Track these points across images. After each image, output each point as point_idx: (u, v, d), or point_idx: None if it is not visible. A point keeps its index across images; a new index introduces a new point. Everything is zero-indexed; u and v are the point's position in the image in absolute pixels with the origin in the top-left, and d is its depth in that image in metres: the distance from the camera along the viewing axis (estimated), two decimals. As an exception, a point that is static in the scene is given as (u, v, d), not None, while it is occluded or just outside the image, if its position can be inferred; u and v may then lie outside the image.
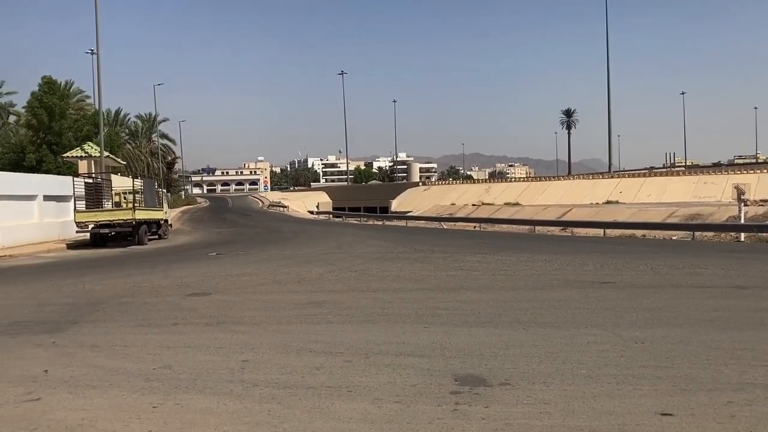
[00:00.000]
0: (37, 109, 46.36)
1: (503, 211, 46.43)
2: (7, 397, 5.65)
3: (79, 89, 63.15)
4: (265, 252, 21.13)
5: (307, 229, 35.33)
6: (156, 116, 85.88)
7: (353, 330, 8.10)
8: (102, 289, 12.85)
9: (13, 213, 25.79)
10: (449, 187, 76.51)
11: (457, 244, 22.23)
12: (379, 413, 4.94)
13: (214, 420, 4.89)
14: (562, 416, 4.79)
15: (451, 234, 31.40)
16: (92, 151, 37.70)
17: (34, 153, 45.64)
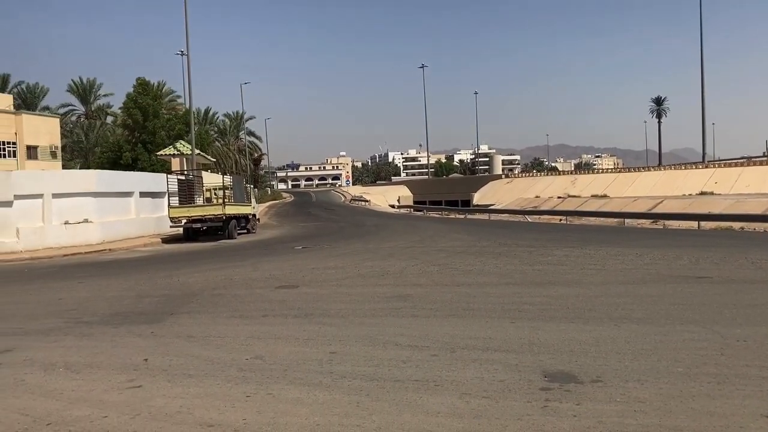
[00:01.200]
0: (132, 110, 48.72)
1: (590, 204, 45.15)
2: (111, 384, 5.98)
3: (171, 89, 66.03)
4: (348, 246, 21.40)
5: (388, 223, 35.53)
6: (243, 114, 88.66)
7: (438, 324, 8.09)
8: (195, 282, 13.38)
9: (112, 209, 27.23)
10: (533, 179, 75.06)
11: (543, 238, 21.78)
12: (467, 408, 4.92)
13: (305, 410, 5.00)
14: (658, 415, 4.62)
15: (536, 227, 30.82)
16: (184, 149, 39.28)
17: (130, 152, 48.01)
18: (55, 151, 50.85)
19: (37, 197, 24.27)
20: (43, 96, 73.44)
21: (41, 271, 17.95)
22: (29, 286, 14.46)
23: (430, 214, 53.54)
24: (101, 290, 12.95)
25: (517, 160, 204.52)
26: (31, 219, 24.13)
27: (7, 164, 44.88)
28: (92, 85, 77.04)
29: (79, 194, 25.54)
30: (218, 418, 4.91)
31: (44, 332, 8.72)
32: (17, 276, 16.86)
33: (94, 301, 11.53)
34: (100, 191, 26.33)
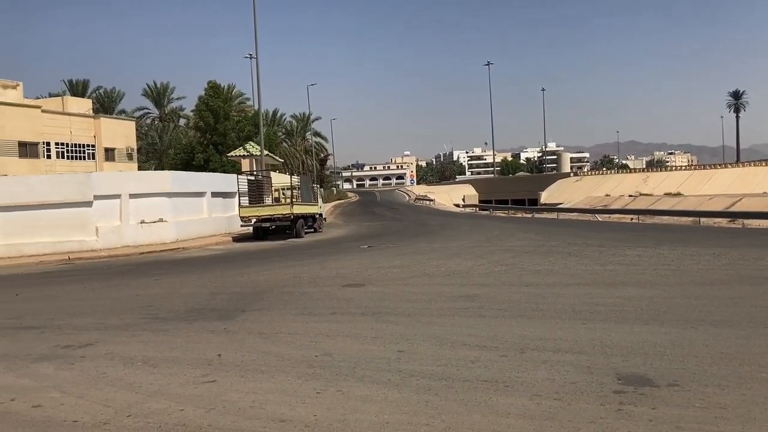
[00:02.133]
0: (203, 112, 50.16)
1: (663, 202, 43.70)
2: (187, 378, 6.17)
3: (240, 92, 67.67)
4: (414, 245, 21.40)
5: (453, 222, 35.34)
6: (309, 115, 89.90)
7: (507, 324, 7.99)
8: (265, 280, 13.67)
9: (185, 209, 28.13)
10: (603, 177, 73.24)
11: (614, 237, 21.20)
12: (538, 410, 4.84)
13: (374, 408, 5.04)
14: (740, 422, 4.43)
15: (607, 226, 30.04)
16: (253, 150, 40.19)
17: (201, 153, 49.44)
18: (131, 153, 52.94)
19: (115, 197, 25.31)
20: (119, 100, 76.70)
21: (119, 268, 18.71)
22: (108, 283, 15.08)
23: (496, 213, 52.97)
24: (176, 287, 13.40)
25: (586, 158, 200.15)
26: (109, 218, 25.17)
27: (86, 166, 47.01)
28: (165, 89, 79.82)
29: (155, 194, 26.49)
30: (290, 414, 4.99)
31: (123, 327, 9.08)
32: (97, 273, 17.62)
33: (169, 297, 11.93)
34: (174, 191, 27.23)
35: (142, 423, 4.95)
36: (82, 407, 5.42)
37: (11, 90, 45.29)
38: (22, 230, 23.49)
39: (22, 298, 13.33)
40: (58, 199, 23.89)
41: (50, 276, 17.60)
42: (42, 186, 24.36)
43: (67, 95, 59.50)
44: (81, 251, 23.42)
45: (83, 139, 48.59)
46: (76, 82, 73.07)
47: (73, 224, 24.09)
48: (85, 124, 49.05)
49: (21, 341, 8.43)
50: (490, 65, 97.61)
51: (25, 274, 18.44)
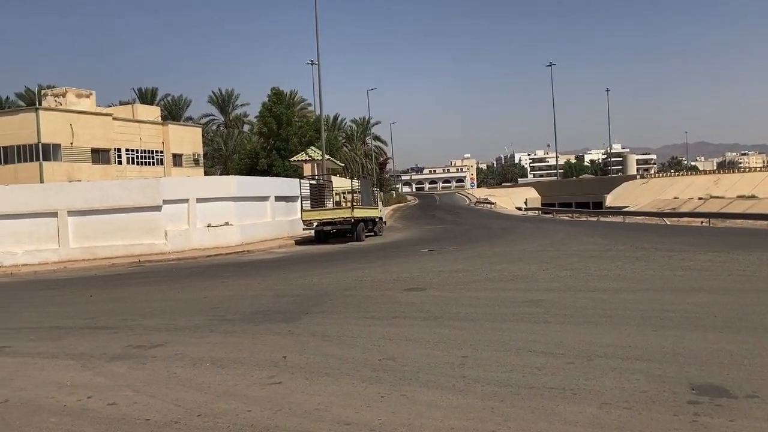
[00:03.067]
0: (267, 118, 51.24)
1: (736, 205, 42.04)
2: (253, 379, 6.29)
3: (302, 98, 68.66)
4: (475, 249, 21.22)
5: (516, 226, 34.88)
6: (369, 120, 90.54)
7: (573, 331, 7.82)
8: (327, 282, 13.81)
9: (250, 212, 28.74)
10: (671, 179, 71.05)
11: (684, 242, 20.50)
12: (607, 419, 4.71)
13: (439, 413, 5.01)
14: (827, 438, 4.20)
15: (676, 230, 29.08)
16: (315, 154, 40.75)
17: (265, 158, 50.48)
18: (197, 158, 54.49)
19: (183, 202, 26.07)
20: (186, 107, 79.11)
21: (187, 270, 19.25)
22: (177, 285, 15.53)
23: (559, 216, 52.02)
24: (241, 289, 13.68)
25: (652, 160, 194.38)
26: (177, 222, 25.95)
27: (155, 171, 48.65)
28: (230, 96, 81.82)
29: (220, 199, 27.17)
30: (354, 417, 5.02)
31: (191, 328, 9.33)
32: (166, 275, 18.17)
33: (235, 299, 12.20)
34: (239, 196, 27.86)
35: (212, 423, 5.07)
36: (154, 406, 5.59)
37: (85, 99, 47.34)
38: (95, 234, 24.47)
39: (96, 299, 13.87)
40: (129, 203, 24.80)
41: (122, 278, 18.27)
42: (114, 191, 25.32)
43: (137, 103, 61.76)
44: (151, 254, 24.22)
45: (152, 146, 50.30)
46: (145, 90, 75.75)
47: (143, 228, 24.95)
48: (154, 130, 50.78)
49: (96, 341, 8.76)
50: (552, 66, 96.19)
51: (98, 276, 19.19)
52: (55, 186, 27.88)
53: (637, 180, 77.28)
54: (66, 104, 45.65)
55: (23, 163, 41.96)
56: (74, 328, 9.99)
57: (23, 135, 41.78)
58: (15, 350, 8.43)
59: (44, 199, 24.23)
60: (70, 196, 24.66)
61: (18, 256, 23.33)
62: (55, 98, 46.31)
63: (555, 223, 38.56)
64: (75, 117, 43.95)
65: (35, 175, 40.88)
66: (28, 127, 41.73)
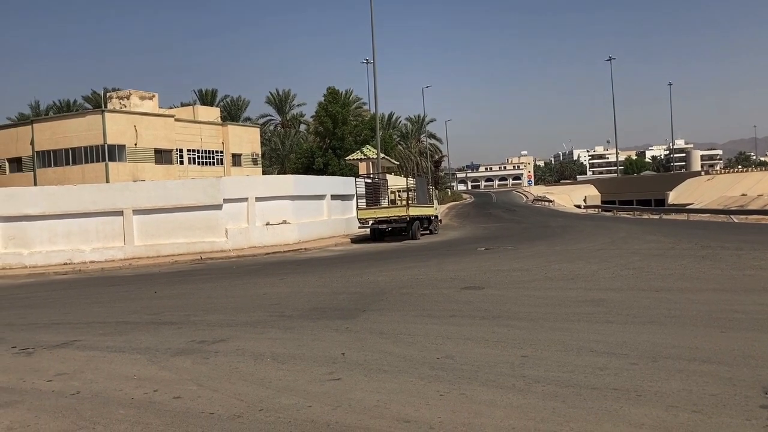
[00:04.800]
0: (323, 118, 51.70)
1: (809, 202, 40.15)
2: (313, 375, 6.36)
3: (357, 97, 69.03)
4: (533, 247, 20.92)
5: (575, 224, 34.23)
6: (424, 117, 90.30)
7: (636, 331, 7.61)
8: (384, 280, 13.85)
9: (307, 211, 29.08)
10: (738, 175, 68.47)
11: (753, 240, 19.71)
12: (674, 422, 4.57)
13: (499, 413, 4.96)
14: None
15: (744, 228, 27.98)
16: (370, 153, 40.91)
17: (321, 157, 50.95)
18: (255, 158, 55.43)
19: (242, 201, 26.59)
20: (244, 108, 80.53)
21: (246, 267, 19.62)
22: (237, 282, 15.85)
23: (620, 214, 50.76)
24: (299, 286, 13.86)
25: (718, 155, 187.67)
26: (237, 220, 26.48)
27: (215, 171, 49.74)
28: (287, 96, 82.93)
29: (278, 197, 27.58)
30: (414, 415, 5.02)
31: (252, 324, 9.51)
32: (227, 272, 18.57)
33: (293, 296, 12.37)
34: (296, 194, 28.23)
35: (273, 417, 5.15)
36: (218, 400, 5.71)
37: (148, 101, 48.80)
38: (159, 231, 25.19)
39: (160, 295, 14.28)
40: (191, 202, 25.43)
41: (184, 274, 18.76)
42: (176, 190, 26.00)
43: (198, 104, 63.26)
44: (212, 251, 24.79)
45: (212, 146, 51.44)
46: (205, 92, 77.53)
47: (204, 226, 25.55)
48: (213, 131, 51.92)
49: (161, 335, 9.02)
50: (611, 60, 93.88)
51: (162, 273, 19.76)
52: (120, 186, 28.81)
53: (701, 176, 74.76)
54: (130, 106, 47.17)
55: (90, 163, 43.53)
56: (140, 323, 10.31)
57: (90, 136, 43.34)
58: (85, 344, 8.76)
59: (110, 198, 25.08)
60: (134, 195, 25.45)
61: (86, 254, 24.22)
62: (120, 100, 47.89)
63: (615, 221, 37.65)
64: (139, 118, 45.34)
65: (101, 175, 42.39)
66: (94, 129, 43.27)
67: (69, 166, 44.25)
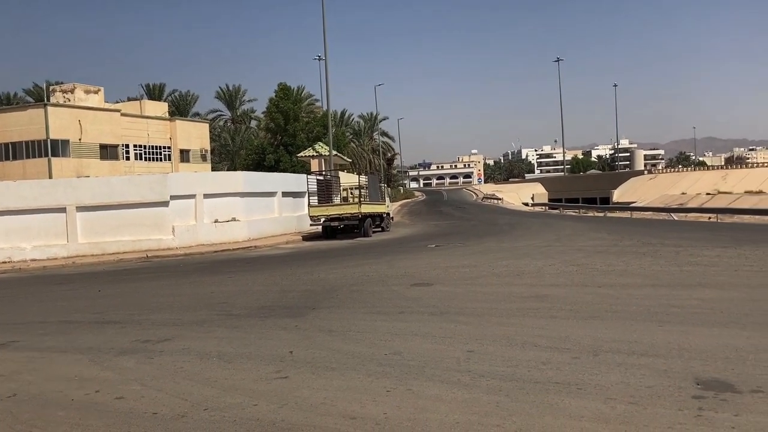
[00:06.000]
0: (274, 114, 51.24)
1: (744, 201, 41.84)
2: (260, 374, 6.33)
3: (309, 93, 68.63)
4: (482, 244, 21.22)
5: (523, 221, 34.83)
6: (377, 115, 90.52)
7: (579, 326, 7.82)
8: (334, 278, 13.84)
9: (257, 208, 28.79)
10: (679, 175, 70.81)
11: (691, 237, 20.43)
12: (612, 414, 4.73)
13: (444, 407, 5.03)
14: (832, 433, 4.20)
15: (683, 226, 28.95)
16: (322, 150, 40.74)
17: (272, 154, 50.51)
18: (204, 154, 54.61)
19: (190, 197, 26.14)
20: (193, 103, 79.22)
21: (194, 266, 19.32)
22: (184, 280, 15.60)
23: (566, 212, 51.88)
24: (248, 285, 13.74)
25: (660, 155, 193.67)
26: (184, 217, 26.03)
27: (162, 167, 48.80)
28: (237, 92, 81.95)
29: (228, 194, 27.22)
30: (360, 411, 5.05)
31: (198, 323, 9.39)
32: (173, 270, 18.25)
33: (242, 294, 12.26)
34: (246, 191, 27.91)
35: (218, 417, 5.11)
36: (162, 400, 5.64)
37: (93, 95, 47.52)
38: (104, 229, 24.58)
39: (104, 294, 13.96)
40: (137, 199, 24.89)
41: (130, 273, 18.36)
42: (122, 187, 25.41)
43: (145, 99, 61.90)
44: (158, 249, 24.33)
45: (160, 141, 50.45)
46: (153, 86, 75.91)
47: (150, 223, 25.05)
48: (161, 126, 50.92)
49: (104, 335, 8.83)
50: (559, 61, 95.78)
51: (106, 271, 19.29)
52: (63, 182, 27.97)
53: (644, 176, 77.00)
54: (74, 100, 45.84)
55: (32, 159, 42.17)
56: (83, 322, 10.06)
57: (32, 131, 41.97)
58: (24, 344, 8.51)
59: (53, 194, 24.34)
60: (78, 191, 24.76)
61: (26, 252, 23.48)
62: (64, 94, 46.50)
63: (562, 219, 38.48)
64: (83, 113, 44.10)
65: (44, 170, 41.10)
66: (36, 123, 41.90)
67: (9, 161, 42.78)
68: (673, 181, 64.93)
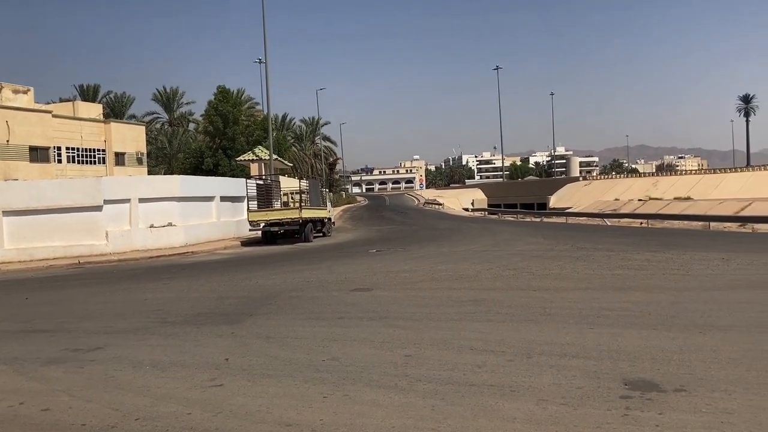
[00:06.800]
0: (213, 117, 50.43)
1: (673, 207, 43.52)
2: (194, 382, 6.20)
3: (249, 96, 67.85)
4: (422, 249, 21.40)
5: (462, 227, 35.32)
6: (318, 120, 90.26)
7: (514, 329, 7.98)
8: (273, 284, 13.70)
9: (195, 213, 28.24)
10: (612, 181, 73.09)
11: (623, 242, 21.14)
12: (544, 414, 4.84)
13: (381, 412, 5.05)
14: (747, 427, 4.42)
15: (616, 231, 29.93)
16: (262, 154, 40.31)
17: (211, 157, 49.66)
18: (140, 157, 53.20)
19: (124, 202, 25.45)
20: (129, 105, 77.19)
21: (128, 272, 18.80)
22: (117, 287, 15.17)
23: (504, 217, 52.86)
24: (184, 291, 13.45)
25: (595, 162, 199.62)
26: (119, 222, 25.31)
27: (96, 170, 47.30)
28: (175, 94, 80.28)
29: (164, 199, 26.62)
30: (296, 418, 5.01)
31: (132, 331, 9.13)
32: (106, 277, 17.72)
33: (177, 301, 11.99)
34: (183, 196, 27.35)
35: (150, 426, 4.98)
36: (91, 411, 5.46)
37: (22, 95, 45.66)
38: (33, 234, 23.66)
39: (32, 302, 13.43)
40: (68, 203, 24.06)
41: (60, 280, 17.72)
42: (53, 190, 24.51)
43: (78, 100, 59.91)
44: (91, 255, 23.57)
45: (94, 144, 48.88)
46: (87, 87, 73.64)
47: (83, 228, 24.26)
48: (95, 128, 49.35)
49: (31, 345, 8.49)
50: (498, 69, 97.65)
51: (35, 278, 18.57)
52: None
53: (579, 182, 79.21)
54: (2, 100, 43.90)
55: (-45, 161, 40.21)
56: (7, 332, 9.65)
57: (-45, 132, 40.04)
58: (-57, 356, 8.10)
59: (-23, 198, 23.29)
60: (5, 195, 23.76)
61: (-51, 258, 22.38)
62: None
63: (500, 224, 39.18)
64: (11, 114, 42.30)
65: (-32, 173, 39.23)
66: (-40, 124, 40.00)
67: (-70, 163, 40.63)
68: (606, 188, 67.00)
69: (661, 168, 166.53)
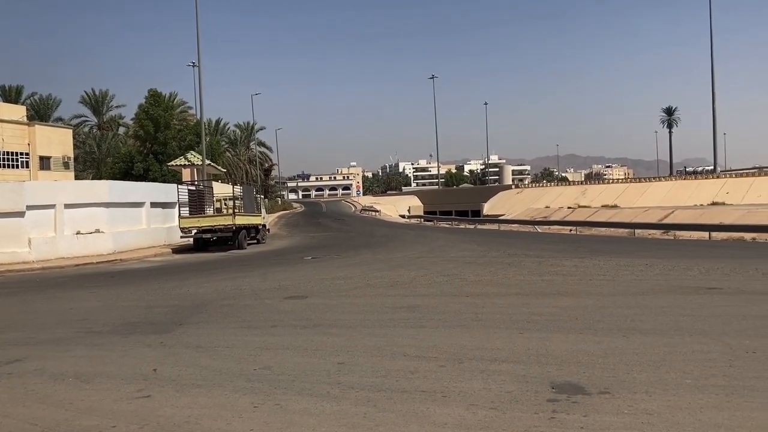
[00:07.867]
0: (143, 121, 49.11)
1: (600, 214, 45.01)
2: (120, 394, 6.01)
3: (182, 100, 66.28)
4: (358, 256, 21.42)
5: (398, 233, 35.54)
6: (254, 125, 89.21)
7: (446, 335, 8.08)
8: (205, 292, 13.43)
9: (124, 219, 27.40)
10: (543, 189, 74.98)
11: (552, 248, 21.72)
12: (474, 419, 4.91)
13: (312, 421, 5.01)
14: (665, 427, 4.60)
15: (546, 238, 30.74)
16: (195, 159, 39.49)
17: (141, 162, 48.31)
18: (67, 161, 51.28)
19: (49, 207, 24.46)
20: (56, 107, 74.19)
21: (52, 280, 18.08)
22: (40, 296, 14.56)
23: (440, 224, 53.49)
24: (112, 300, 13.03)
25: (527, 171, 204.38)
26: (43, 229, 24.30)
27: (20, 175, 45.28)
28: (104, 97, 77.72)
29: (91, 204, 25.73)
30: (226, 429, 4.92)
31: (54, 342, 8.78)
32: (29, 286, 16.98)
33: (104, 310, 11.61)
34: (111, 201, 26.51)
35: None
36: (7, 426, 5.21)
37: (-62, 95, 43.38)
38: (-52, 241, 22.44)
39: (-54, 312, 12.73)
40: (-13, 209, 22.94)
41: (-22, 289, 16.86)
42: (-30, 195, 23.33)
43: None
44: (12, 263, 22.51)
45: (16, 147, 46.82)
46: (9, 88, 70.39)
47: (3, 235, 23.16)
48: (18, 131, 47.28)
49: (-57, 358, 8.04)
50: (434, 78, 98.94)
51: (-50, 288, 17.61)
52: None
53: (512, 190, 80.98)
54: None
55: None
56: None
57: None
58: None
59: None
60: None
61: None
62: None
63: (435, 231, 39.63)
64: (-75, 114, 40.15)
65: None
66: None
67: None
68: (538, 195, 68.70)
69: (590, 177, 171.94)
